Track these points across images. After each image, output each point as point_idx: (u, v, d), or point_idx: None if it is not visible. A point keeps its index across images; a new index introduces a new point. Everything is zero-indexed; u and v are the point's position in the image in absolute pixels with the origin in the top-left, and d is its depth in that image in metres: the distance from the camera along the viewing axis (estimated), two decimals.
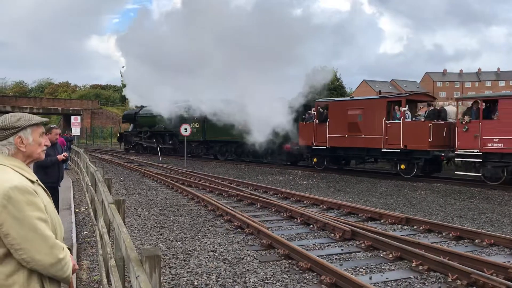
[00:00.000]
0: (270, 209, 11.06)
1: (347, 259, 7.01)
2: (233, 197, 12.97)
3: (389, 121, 17.99)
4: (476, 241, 7.91)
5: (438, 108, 18.31)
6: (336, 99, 23.12)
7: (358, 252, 7.36)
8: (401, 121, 17.55)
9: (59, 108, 62.30)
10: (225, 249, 7.41)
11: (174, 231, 8.78)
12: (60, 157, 7.07)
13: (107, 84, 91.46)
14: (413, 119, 17.88)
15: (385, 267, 6.54)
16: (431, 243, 7.58)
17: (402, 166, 17.88)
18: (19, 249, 1.99)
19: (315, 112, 21.20)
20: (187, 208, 11.33)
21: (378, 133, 18.21)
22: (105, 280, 4.74)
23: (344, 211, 10.75)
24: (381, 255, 7.08)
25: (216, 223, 9.53)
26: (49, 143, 2.39)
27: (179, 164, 25.14)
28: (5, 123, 2.18)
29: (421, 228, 8.95)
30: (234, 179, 17.08)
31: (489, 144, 15.23)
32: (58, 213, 2.35)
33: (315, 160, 21.48)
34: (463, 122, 15.91)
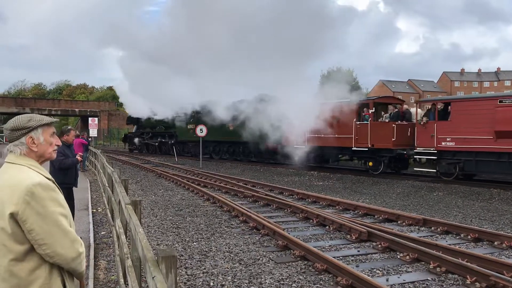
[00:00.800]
0: (285, 210, 11.04)
1: (363, 260, 6.96)
2: (248, 198, 12.98)
3: (358, 122, 19.68)
4: (496, 243, 7.78)
5: (404, 110, 19.63)
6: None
7: (375, 253, 7.30)
8: (368, 122, 19.20)
9: (76, 109, 63.10)
10: (240, 250, 7.42)
11: (190, 231, 8.81)
12: (79, 158, 7.29)
13: None
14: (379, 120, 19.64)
15: (402, 269, 6.48)
16: (449, 244, 7.49)
17: (370, 164, 19.62)
18: (43, 244, 2.04)
19: None
20: (203, 209, 11.37)
21: (349, 133, 19.91)
22: (122, 280, 4.78)
23: (360, 212, 10.68)
24: (398, 257, 7.02)
25: (231, 224, 9.55)
26: (60, 143, 2.44)
27: (195, 165, 25.25)
28: (16, 124, 2.23)
29: (438, 229, 8.84)
30: (249, 180, 17.09)
31: (443, 143, 16.81)
32: (74, 212, 2.40)
33: (295, 158, 22.55)
34: (421, 123, 17.52)
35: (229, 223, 9.61)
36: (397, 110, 19.19)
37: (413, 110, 19.41)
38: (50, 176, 2.23)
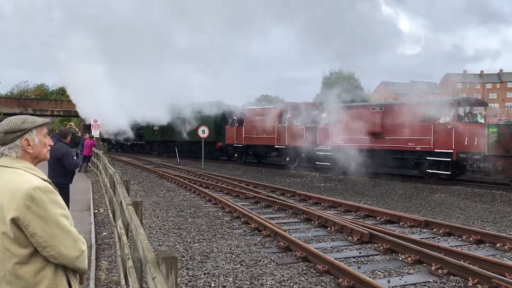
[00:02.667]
0: (287, 211, 11.03)
1: (365, 262, 6.95)
2: (250, 199, 12.97)
3: (280, 125, 23.93)
4: (498, 245, 7.76)
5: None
6: (250, 107, 28.78)
7: (376, 255, 7.29)
8: (286, 125, 23.48)
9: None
10: (242, 251, 7.41)
11: (192, 232, 8.81)
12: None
13: None
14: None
15: (404, 271, 6.46)
16: (451, 246, 7.47)
17: (287, 159, 23.52)
18: (46, 246, 2.05)
19: (235, 118, 27.30)
20: (204, 210, 11.37)
21: (273, 134, 24.25)
22: (123, 281, 4.78)
23: (362, 214, 10.67)
24: (400, 259, 7.00)
25: (233, 225, 9.55)
26: (52, 143, 2.43)
27: (197, 166, 25.27)
28: (10, 126, 2.21)
29: (440, 231, 8.83)
30: (251, 181, 17.09)
31: (337, 142, 20.87)
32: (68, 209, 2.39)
33: (236, 155, 27.60)
34: (322, 125, 21.61)
35: (230, 224, 9.61)
36: (308, 114, 22.93)
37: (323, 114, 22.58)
38: (46, 178, 2.23)
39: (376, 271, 6.43)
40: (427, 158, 17.43)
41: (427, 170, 17.50)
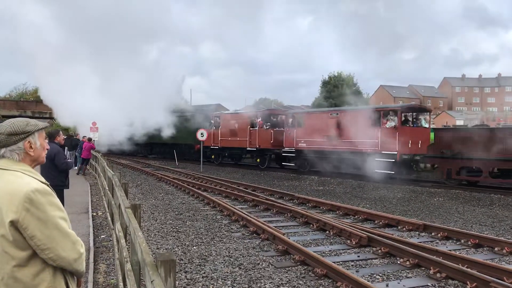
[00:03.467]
0: (286, 215, 11.03)
1: (363, 265, 6.95)
2: (249, 202, 12.97)
3: (251, 129, 26.11)
4: (496, 249, 7.77)
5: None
6: (225, 112, 31.68)
7: (375, 259, 7.29)
8: (257, 128, 25.88)
9: None
10: (240, 255, 7.41)
11: (190, 235, 8.81)
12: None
13: None
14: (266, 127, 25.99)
15: (402, 275, 6.47)
16: (449, 250, 7.47)
17: (258, 160, 25.96)
18: (45, 249, 2.05)
19: (213, 121, 29.57)
20: (203, 213, 11.37)
21: (245, 137, 26.33)
22: (121, 284, 4.77)
23: (360, 217, 10.67)
24: (398, 262, 7.00)
25: (231, 228, 9.54)
26: (48, 147, 2.44)
27: (195, 169, 25.27)
28: (14, 128, 2.20)
29: (439, 235, 8.83)
30: (250, 184, 17.09)
31: (300, 144, 23.07)
32: None
33: (213, 156, 29.45)
34: (288, 129, 24.02)
35: (229, 228, 9.60)
36: (275, 119, 26.39)
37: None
38: (44, 180, 2.23)
39: (375, 275, 6.42)
40: (376, 159, 19.29)
41: (375, 170, 19.16)
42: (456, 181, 17.17)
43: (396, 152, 18.58)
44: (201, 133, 25.89)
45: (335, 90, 45.94)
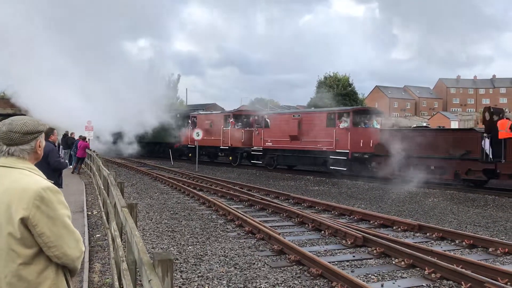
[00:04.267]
0: (281, 215, 11.04)
1: (358, 265, 6.96)
2: (244, 202, 12.97)
3: (225, 128, 27.81)
4: (490, 249, 7.81)
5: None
6: (202, 112, 33.71)
7: (370, 259, 7.31)
8: (229, 128, 27.38)
9: None
10: (236, 254, 7.41)
11: (185, 235, 8.80)
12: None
13: None
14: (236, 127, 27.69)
15: (397, 275, 6.49)
16: (444, 251, 7.50)
17: (230, 158, 27.70)
18: (52, 246, 2.06)
19: (190, 121, 31.16)
20: (198, 213, 11.36)
21: (219, 136, 28.19)
22: (117, 283, 4.76)
23: (356, 218, 10.69)
24: (393, 262, 7.03)
25: (227, 228, 9.54)
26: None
27: (191, 169, 25.25)
28: (30, 127, 2.21)
29: (434, 235, 8.87)
30: (245, 184, 17.09)
31: (267, 143, 24.97)
32: None
33: (190, 155, 30.78)
34: (256, 129, 25.90)
35: (224, 227, 9.60)
36: (246, 120, 28.17)
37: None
38: (46, 179, 2.24)
39: (370, 275, 6.44)
40: (330, 156, 21.18)
41: (331, 167, 21.13)
42: (398, 177, 18.63)
43: (348, 151, 20.45)
44: (197, 133, 25.95)
45: (330, 91, 45.98)
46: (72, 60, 28.95)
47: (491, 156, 16.02)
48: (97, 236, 8.60)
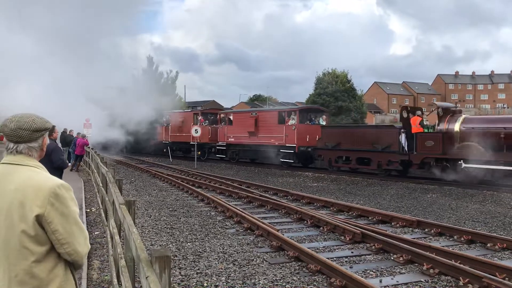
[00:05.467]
0: (280, 211, 11.05)
1: (357, 261, 6.98)
2: (243, 199, 12.97)
3: (195, 125, 29.05)
4: (488, 245, 7.83)
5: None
6: (175, 111, 35.90)
7: (368, 255, 7.32)
8: (198, 125, 29.35)
9: None
10: (234, 251, 7.41)
11: (184, 232, 8.80)
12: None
13: (117, 86, 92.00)
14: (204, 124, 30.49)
15: (396, 270, 6.50)
16: (443, 246, 7.52)
17: (199, 152, 28.93)
18: (65, 243, 2.07)
19: (165, 119, 34.00)
20: (197, 210, 11.36)
21: (189, 132, 28.84)
22: (115, 280, 4.77)
23: (354, 214, 10.70)
24: (392, 258, 7.04)
25: (226, 225, 9.54)
26: None
27: (190, 166, 25.24)
28: (39, 125, 2.20)
29: (432, 231, 8.88)
30: (244, 181, 17.10)
31: (230, 139, 27.67)
32: None
33: (164, 150, 33.32)
34: (220, 126, 28.54)
35: (223, 224, 9.60)
36: (213, 117, 30.96)
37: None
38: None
39: (368, 271, 6.45)
40: (281, 150, 24.12)
41: (281, 159, 24.12)
42: (335, 168, 21.64)
43: (295, 145, 23.35)
44: (195, 130, 26.02)
45: (329, 87, 45.93)
46: (46, 51, 28.32)
47: (406, 149, 18.40)
48: (96, 233, 8.60)
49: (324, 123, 24.63)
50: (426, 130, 18.61)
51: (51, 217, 2.03)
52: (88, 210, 10.84)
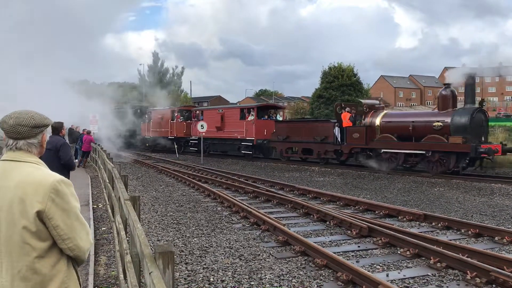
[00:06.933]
0: (286, 206, 11.03)
1: (363, 256, 6.96)
2: (249, 194, 12.97)
3: (171, 121, 33.75)
4: (496, 238, 7.77)
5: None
6: (156, 108, 38.17)
7: (375, 249, 7.29)
8: (175, 121, 33.39)
9: None
10: (241, 246, 7.42)
11: (191, 227, 8.82)
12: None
13: (124, 82, 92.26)
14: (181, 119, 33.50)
15: (403, 264, 6.47)
16: (450, 240, 7.48)
17: (176, 146, 31.36)
18: (66, 238, 2.08)
19: (147, 115, 37.65)
20: (203, 205, 11.38)
21: (167, 128, 33.95)
22: (121, 276, 4.78)
23: (361, 208, 10.67)
24: (399, 252, 7.01)
25: (232, 220, 9.55)
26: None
27: (196, 161, 25.30)
28: (38, 121, 2.21)
29: (439, 225, 8.83)
30: (250, 176, 17.10)
31: (199, 133, 28.01)
32: None
33: (147, 144, 37.00)
34: (193, 122, 31.00)
35: (229, 219, 9.61)
36: (187, 114, 33.63)
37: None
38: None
39: (375, 265, 6.43)
40: (242, 143, 27.00)
41: (242, 151, 27.08)
42: (286, 158, 24.42)
43: (253, 138, 26.13)
44: (201, 125, 26.10)
45: (335, 81, 45.72)
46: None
47: (339, 140, 21.30)
48: (102, 229, 8.63)
49: (281, 118, 27.69)
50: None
51: (52, 213, 2.03)
52: (95, 206, 10.89)
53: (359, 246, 7.44)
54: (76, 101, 28.02)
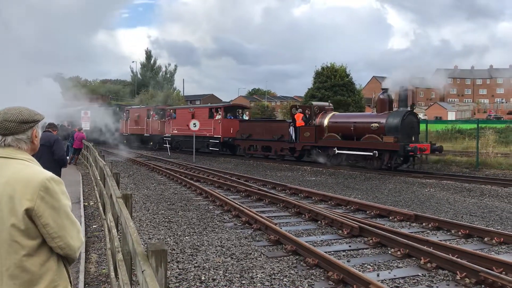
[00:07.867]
0: (278, 205, 11.05)
1: (354, 255, 6.99)
2: (241, 193, 12.98)
3: (148, 119, 35.52)
4: (486, 239, 7.84)
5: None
6: (133, 107, 41.71)
7: (366, 248, 7.33)
8: (151, 119, 35.02)
9: None
10: (232, 244, 7.42)
11: (182, 226, 8.80)
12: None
13: (116, 79, 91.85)
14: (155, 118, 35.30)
15: (393, 264, 6.51)
16: (440, 240, 7.53)
17: (151, 143, 34.93)
18: (56, 237, 2.06)
19: (125, 114, 39.28)
20: (195, 203, 11.36)
21: (143, 126, 35.99)
22: (112, 273, 4.76)
23: (352, 208, 10.72)
24: (389, 252, 7.05)
25: (224, 218, 9.55)
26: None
27: (188, 160, 25.24)
28: (26, 116, 2.18)
29: (430, 225, 8.89)
30: (242, 175, 17.09)
31: (174, 131, 32.05)
32: None
33: (125, 141, 36.44)
34: (166, 120, 32.95)
35: (221, 218, 9.61)
36: (162, 112, 34.82)
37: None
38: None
39: (366, 265, 6.47)
40: (210, 141, 28.85)
41: (210, 148, 28.94)
42: (249, 154, 26.29)
43: (220, 136, 27.95)
44: (194, 123, 26.03)
45: (328, 81, 45.83)
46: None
47: (293, 138, 23.08)
48: (93, 227, 8.60)
49: (246, 117, 29.57)
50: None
51: (41, 211, 2.01)
52: (86, 204, 10.83)
53: (350, 246, 7.47)
54: (60, 99, 27.93)
